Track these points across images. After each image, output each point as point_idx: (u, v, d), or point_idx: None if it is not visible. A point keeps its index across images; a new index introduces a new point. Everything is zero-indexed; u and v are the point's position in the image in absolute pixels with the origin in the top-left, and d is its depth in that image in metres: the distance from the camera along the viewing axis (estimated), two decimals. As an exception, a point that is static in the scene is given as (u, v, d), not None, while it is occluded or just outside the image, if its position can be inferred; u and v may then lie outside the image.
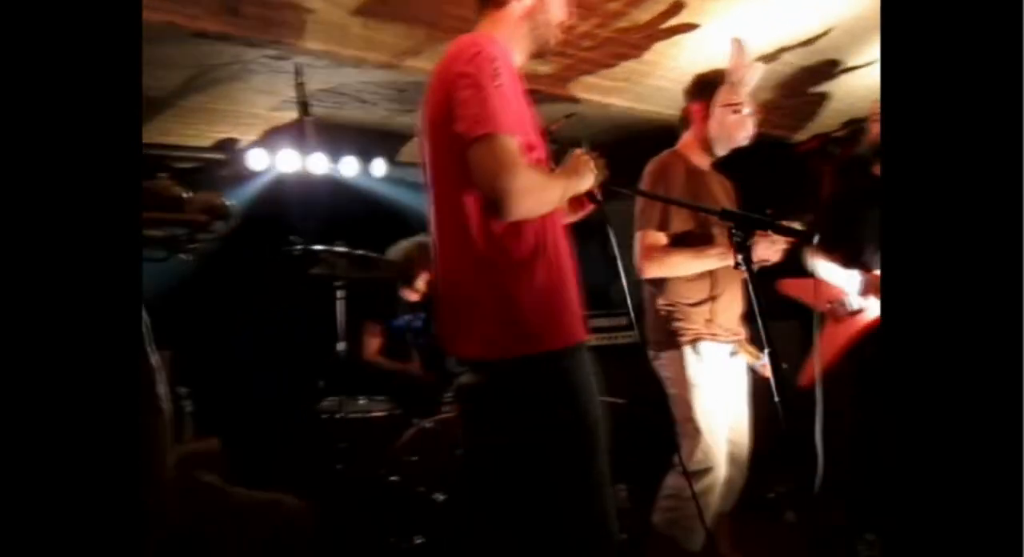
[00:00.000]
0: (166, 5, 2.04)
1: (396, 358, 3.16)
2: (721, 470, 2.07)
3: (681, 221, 2.04)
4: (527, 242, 1.29)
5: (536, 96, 2.83)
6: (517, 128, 1.25)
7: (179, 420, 1.97)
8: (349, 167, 3.48)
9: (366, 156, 3.54)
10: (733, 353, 2.11)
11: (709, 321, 2.06)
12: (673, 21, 2.56)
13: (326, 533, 1.58)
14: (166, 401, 1.52)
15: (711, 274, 2.05)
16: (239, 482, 1.70)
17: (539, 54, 1.51)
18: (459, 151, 1.24)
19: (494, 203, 1.21)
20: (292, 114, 3.01)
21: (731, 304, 2.10)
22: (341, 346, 2.49)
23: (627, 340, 3.37)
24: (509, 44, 1.38)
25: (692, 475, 2.05)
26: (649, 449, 2.37)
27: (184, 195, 1.19)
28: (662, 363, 2.14)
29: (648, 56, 2.79)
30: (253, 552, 1.42)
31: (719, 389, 2.06)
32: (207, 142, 3.41)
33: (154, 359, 1.51)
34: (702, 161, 2.17)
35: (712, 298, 2.07)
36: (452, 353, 1.37)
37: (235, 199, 1.33)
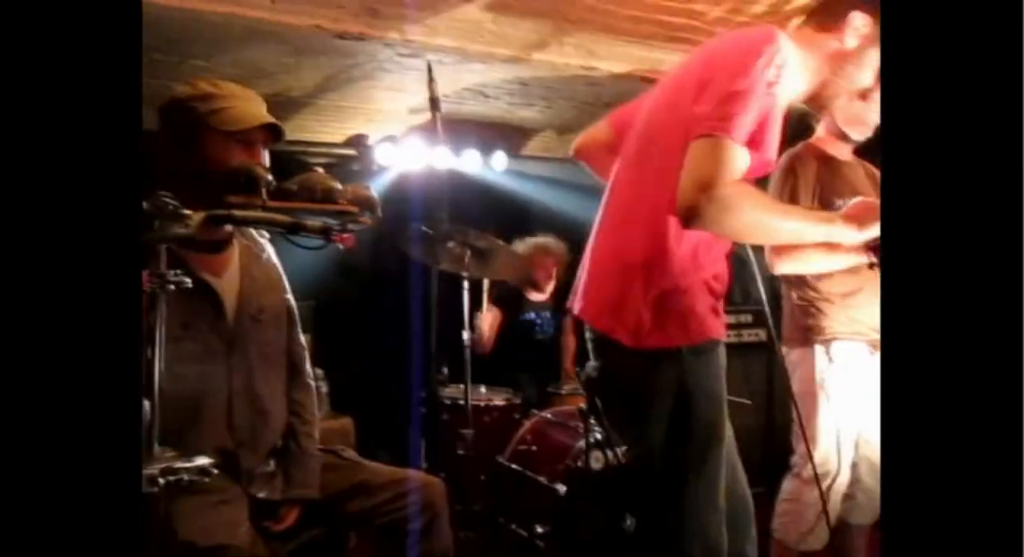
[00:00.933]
0: (312, 10, 2.17)
1: (519, 349, 3.22)
2: (843, 476, 1.96)
3: None
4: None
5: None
6: (761, 147, 1.14)
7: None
8: (471, 161, 3.55)
9: (487, 150, 3.60)
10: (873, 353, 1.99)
11: (850, 319, 1.95)
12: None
13: (452, 515, 1.63)
14: (312, 379, 1.63)
15: (853, 269, 1.93)
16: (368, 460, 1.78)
17: (812, 105, 1.35)
18: (683, 138, 1.13)
19: (687, 207, 1.09)
20: (421, 110, 3.12)
21: (874, 301, 1.96)
22: (465, 335, 2.56)
23: (753, 339, 3.24)
24: (803, 68, 1.24)
25: (810, 479, 1.96)
26: (775, 451, 2.26)
27: (338, 186, 1.25)
28: (793, 360, 2.05)
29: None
30: (392, 524, 1.48)
31: (851, 391, 1.94)
32: (340, 138, 3.60)
33: (303, 340, 1.62)
34: (840, 151, 2.03)
35: (852, 294, 1.95)
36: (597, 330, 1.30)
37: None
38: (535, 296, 3.34)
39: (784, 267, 1.96)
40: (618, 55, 2.65)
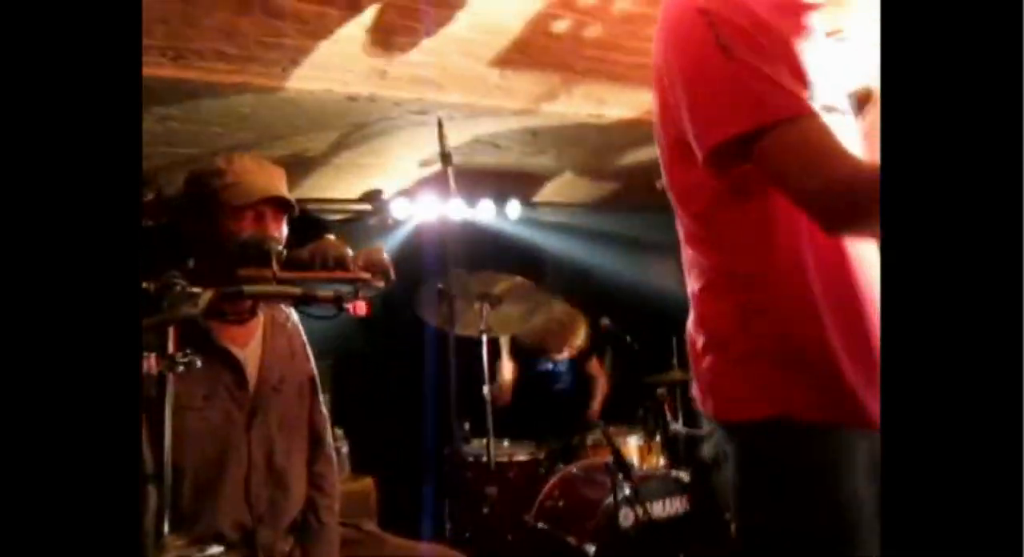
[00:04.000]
0: (322, 74, 2.20)
1: (538, 401, 3.16)
2: None
3: None
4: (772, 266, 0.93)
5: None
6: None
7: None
8: (485, 211, 3.56)
9: (500, 199, 3.61)
10: None
11: None
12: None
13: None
14: (334, 450, 1.59)
15: None
16: (390, 522, 1.73)
17: None
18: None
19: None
20: (434, 165, 3.14)
21: None
22: (485, 390, 2.51)
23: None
24: None
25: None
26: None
27: (350, 253, 1.24)
28: None
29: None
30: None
31: None
32: (355, 195, 3.64)
33: (325, 410, 1.59)
34: None
35: None
36: (703, 410, 1.04)
37: (385, 248, 1.37)
38: (556, 357, 3.30)
39: None
40: (627, 102, 2.65)
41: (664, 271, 3.26)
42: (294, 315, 1.57)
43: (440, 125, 2.62)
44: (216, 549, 0.96)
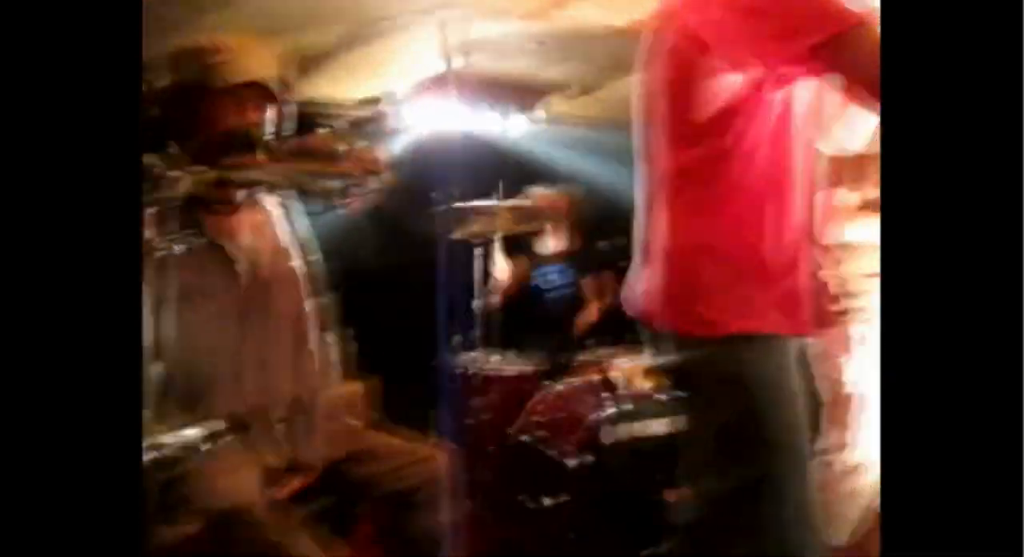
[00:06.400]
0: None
1: (529, 313, 3.17)
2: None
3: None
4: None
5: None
6: None
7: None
8: (488, 123, 3.46)
9: (504, 112, 3.50)
10: None
11: None
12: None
13: (459, 485, 1.61)
14: (319, 345, 1.59)
15: None
16: (378, 425, 1.76)
17: None
18: None
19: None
20: (437, 70, 3.02)
21: None
22: (475, 303, 2.52)
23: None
24: None
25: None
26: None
27: (340, 149, 1.20)
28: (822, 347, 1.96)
29: None
30: (393, 494, 1.48)
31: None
32: (355, 99, 3.53)
33: (312, 305, 1.58)
34: None
35: None
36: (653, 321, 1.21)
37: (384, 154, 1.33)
38: (544, 249, 3.28)
39: (834, 236, 1.83)
40: (642, 7, 2.52)
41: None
42: (280, 211, 1.54)
43: (442, 27, 2.50)
44: (214, 425, 0.98)
